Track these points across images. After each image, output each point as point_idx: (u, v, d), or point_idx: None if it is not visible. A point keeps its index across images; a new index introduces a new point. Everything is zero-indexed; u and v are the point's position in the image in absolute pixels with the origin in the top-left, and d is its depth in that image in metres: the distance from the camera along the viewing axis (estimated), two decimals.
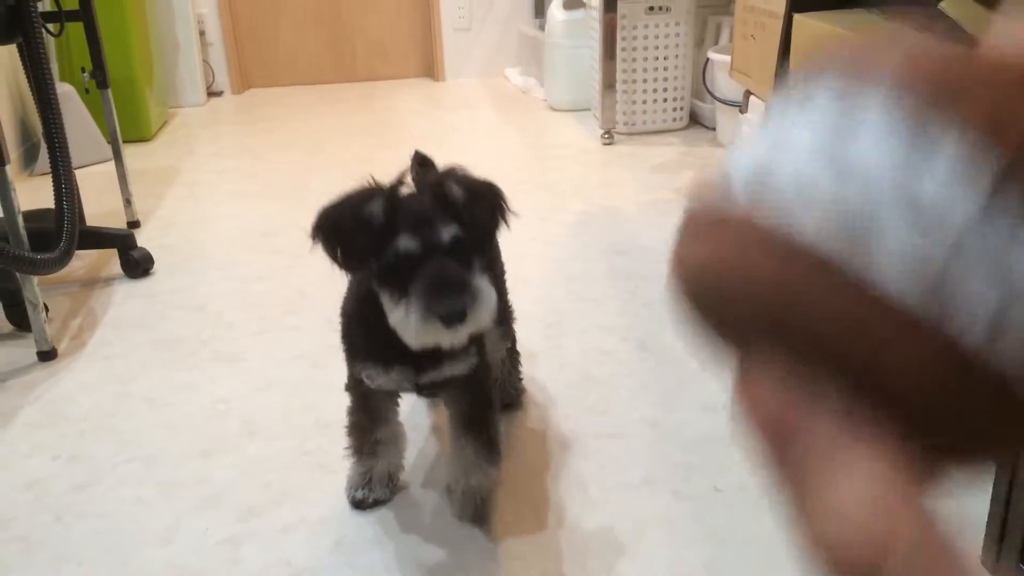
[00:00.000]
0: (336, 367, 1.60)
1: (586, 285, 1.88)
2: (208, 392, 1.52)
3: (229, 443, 1.38)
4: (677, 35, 2.93)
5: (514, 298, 1.41)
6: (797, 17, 1.60)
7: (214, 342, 1.70)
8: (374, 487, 1.21)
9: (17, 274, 1.58)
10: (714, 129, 2.97)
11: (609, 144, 2.93)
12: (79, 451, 1.37)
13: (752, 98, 1.94)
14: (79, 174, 2.79)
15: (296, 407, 1.47)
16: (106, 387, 1.54)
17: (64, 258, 1.62)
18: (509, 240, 2.11)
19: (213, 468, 1.32)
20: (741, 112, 2.00)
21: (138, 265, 1.99)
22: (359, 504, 1.21)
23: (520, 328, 1.69)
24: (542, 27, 3.87)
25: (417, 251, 0.93)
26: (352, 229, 0.98)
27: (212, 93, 3.91)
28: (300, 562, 1.12)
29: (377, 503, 1.22)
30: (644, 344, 1.62)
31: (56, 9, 1.99)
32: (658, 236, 2.13)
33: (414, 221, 0.94)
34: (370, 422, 1.19)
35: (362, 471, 1.21)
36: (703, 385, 1.46)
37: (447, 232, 0.94)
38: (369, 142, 3.08)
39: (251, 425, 1.42)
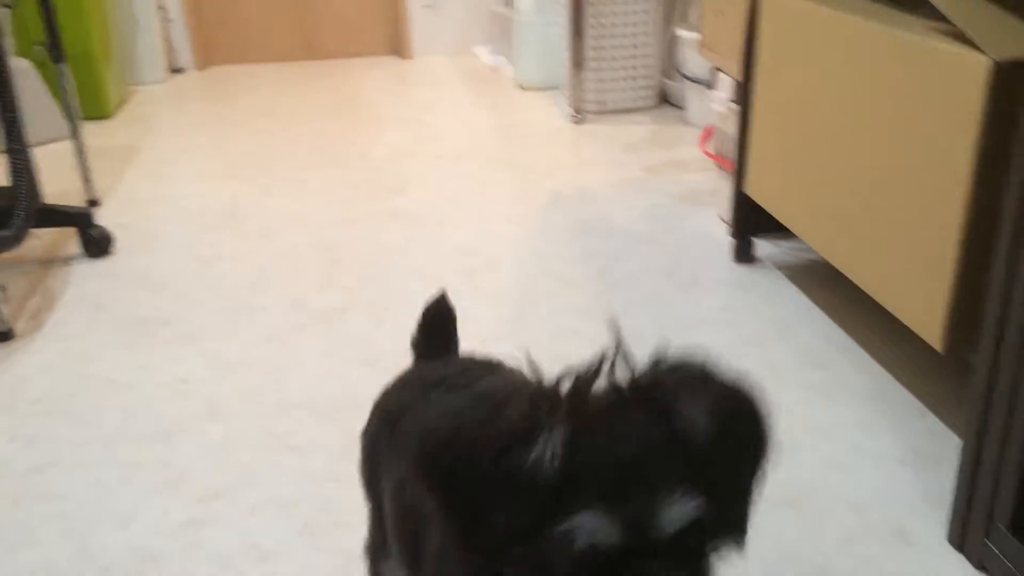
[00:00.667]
0: (301, 349, 1.57)
1: (556, 265, 1.86)
2: (169, 373, 1.49)
3: (191, 424, 1.35)
4: (646, 12, 2.91)
5: (484, 281, 1.33)
6: None
7: (176, 322, 1.66)
8: None
9: None
10: (684, 108, 2.96)
11: (579, 123, 2.90)
12: (37, 433, 1.33)
13: (720, 74, 1.93)
14: (37, 151, 2.71)
15: (260, 388, 1.44)
16: (64, 368, 1.50)
17: (19, 235, 1.57)
18: (477, 220, 2.10)
19: (174, 450, 1.29)
20: (709, 88, 1.99)
21: (97, 244, 1.94)
22: None
23: (490, 310, 1.67)
24: (511, 4, 3.83)
25: (616, 545, 0.47)
26: (492, 486, 0.49)
27: (174, 70, 3.82)
28: (267, 544, 1.10)
29: None
30: (613, 323, 1.61)
31: None
32: (629, 216, 2.12)
33: (614, 479, 0.48)
34: None
35: None
36: None
37: (680, 510, 0.48)
38: (336, 121, 3.03)
39: (214, 406, 1.39)
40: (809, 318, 1.62)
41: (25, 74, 2.77)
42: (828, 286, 1.72)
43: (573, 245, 1.96)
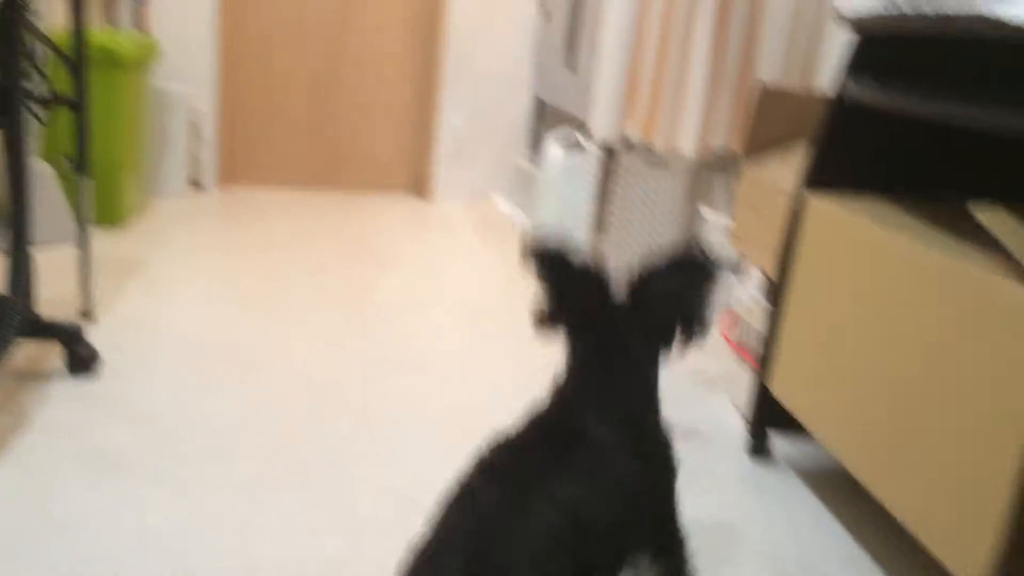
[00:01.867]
0: (280, 506, 1.45)
1: None
2: (136, 520, 1.36)
3: None
4: (673, 189, 2.92)
5: (478, 437, 1.02)
6: (808, 196, 1.56)
7: (150, 460, 1.54)
8: None
9: None
10: None
11: None
12: None
13: (751, 268, 1.88)
14: (43, 254, 2.67)
15: (230, 549, 1.31)
16: (19, 502, 1.38)
17: (1, 350, 1.48)
18: (480, 376, 2.01)
19: None
20: (737, 278, 1.94)
21: (82, 362, 1.85)
22: None
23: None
24: (536, 161, 3.88)
25: None
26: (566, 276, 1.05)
27: (196, 185, 3.84)
28: None
29: None
30: None
31: (50, 95, 1.92)
32: None
33: None
34: None
35: None
36: None
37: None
38: (348, 258, 3.00)
39: (175, 566, 1.26)
40: (825, 529, 1.51)
41: (45, 178, 2.76)
42: (848, 496, 1.61)
43: None
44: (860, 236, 1.37)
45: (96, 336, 2.08)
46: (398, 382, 1.98)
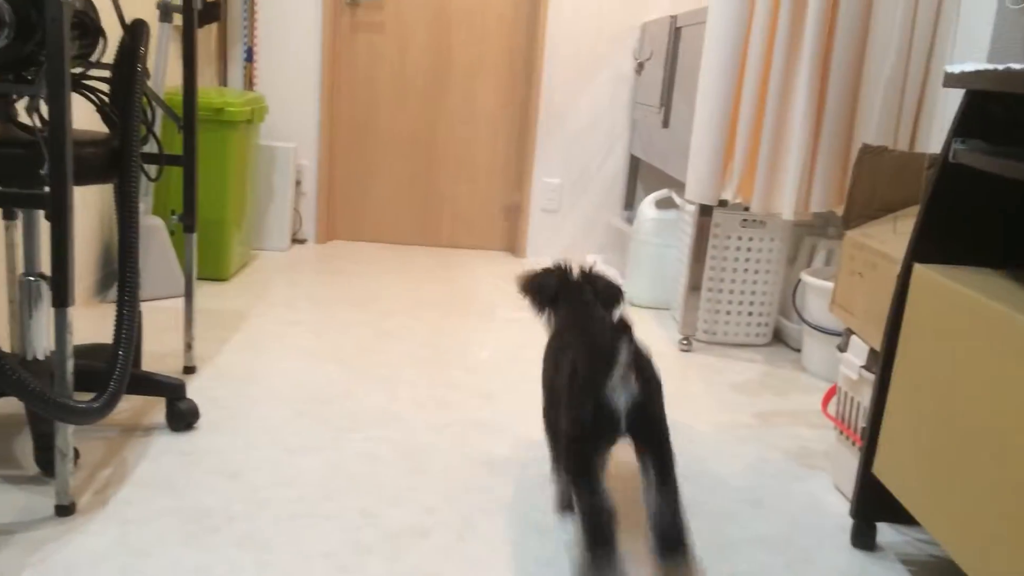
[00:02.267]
0: (364, 573, 1.44)
1: None
2: None
3: None
4: (770, 250, 2.85)
5: (570, 518, 1.21)
6: (917, 267, 1.49)
7: (241, 521, 1.56)
8: None
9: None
10: (799, 351, 2.83)
11: (687, 351, 2.80)
12: None
13: (853, 338, 1.80)
14: (151, 306, 2.79)
15: None
16: (115, 559, 1.41)
17: (106, 409, 1.53)
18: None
19: None
20: (840, 350, 1.86)
21: (183, 418, 1.90)
22: None
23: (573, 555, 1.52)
24: (630, 220, 3.86)
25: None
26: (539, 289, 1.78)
27: (296, 240, 3.96)
28: None
29: None
30: None
31: (158, 152, 2.01)
32: (733, 468, 1.96)
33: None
34: None
35: None
36: None
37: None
38: (439, 312, 3.02)
39: None
40: None
41: (155, 231, 2.89)
42: None
43: None
44: (970, 309, 1.29)
45: (195, 389, 2.14)
46: (489, 449, 1.96)
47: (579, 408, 1.38)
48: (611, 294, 1.72)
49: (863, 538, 1.65)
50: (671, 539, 1.37)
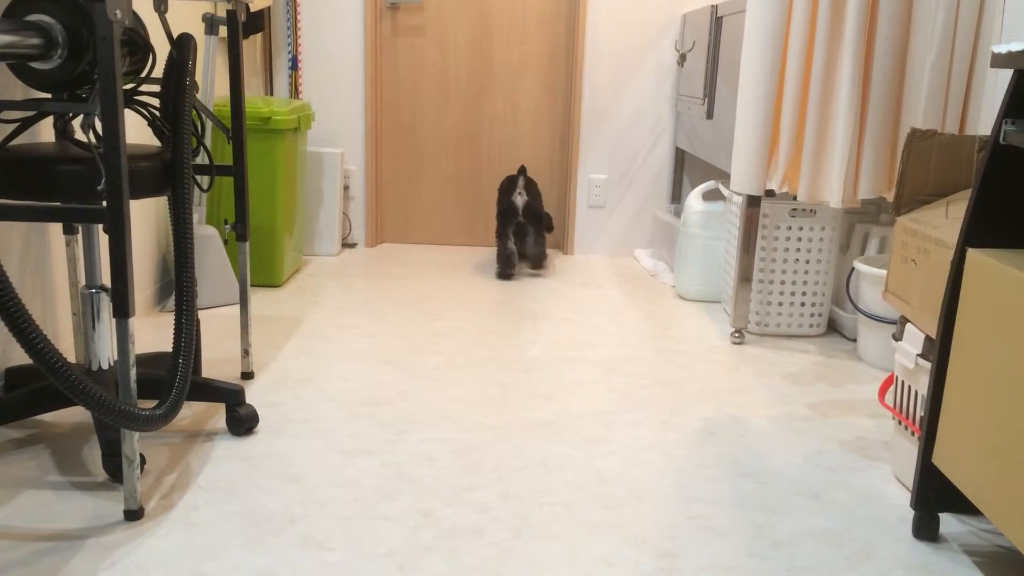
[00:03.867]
0: (424, 574, 1.46)
1: (708, 510, 1.70)
2: None
3: None
4: (821, 239, 2.81)
5: (626, 518, 1.24)
6: (971, 251, 1.46)
7: (303, 522, 1.60)
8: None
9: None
10: (854, 340, 2.79)
11: (739, 343, 2.78)
12: None
13: (909, 326, 1.77)
14: (209, 314, 2.86)
15: None
16: (183, 562, 1.45)
17: (169, 416, 1.58)
18: (624, 443, 1.97)
19: None
20: (895, 339, 1.83)
21: (243, 423, 1.95)
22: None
23: (631, 552, 1.53)
24: (677, 213, 3.84)
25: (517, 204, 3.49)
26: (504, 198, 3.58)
27: (346, 244, 4.02)
28: None
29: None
30: None
31: (209, 163, 2.06)
32: (790, 460, 1.94)
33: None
34: None
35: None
36: None
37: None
38: (488, 312, 3.04)
39: None
40: None
41: (209, 240, 2.96)
42: None
43: (725, 487, 1.80)
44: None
45: (254, 394, 2.19)
46: (543, 447, 1.97)
47: (500, 204, 3.49)
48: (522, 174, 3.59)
49: (925, 529, 1.62)
50: (536, 258, 3.60)
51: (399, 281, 3.44)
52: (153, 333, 2.61)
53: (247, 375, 2.31)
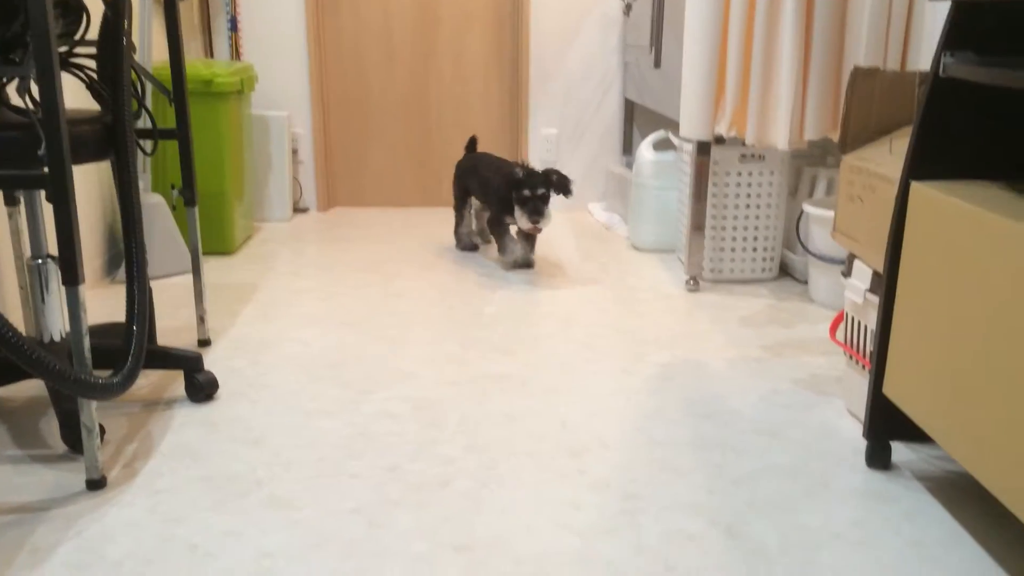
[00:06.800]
0: (393, 523, 1.47)
1: (669, 452, 1.73)
2: (255, 544, 1.41)
3: None
4: (771, 184, 2.85)
5: (590, 464, 1.26)
6: (915, 185, 1.49)
7: (268, 484, 1.60)
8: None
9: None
10: (805, 283, 2.84)
11: (694, 291, 2.82)
12: None
13: (857, 262, 1.81)
14: (161, 283, 2.81)
15: (347, 573, 1.34)
16: (150, 527, 1.45)
17: (127, 383, 1.56)
18: (586, 391, 2.00)
19: None
20: (844, 275, 1.87)
21: (202, 389, 1.93)
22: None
23: (595, 498, 1.56)
24: (629, 165, 3.85)
25: (529, 194, 2.93)
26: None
27: (298, 209, 3.97)
28: None
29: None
30: (732, 530, 1.46)
31: (152, 127, 2.01)
32: (746, 400, 1.98)
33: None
34: None
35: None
36: None
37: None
38: (445, 272, 3.04)
39: None
40: (957, 544, 1.43)
41: (157, 208, 2.90)
42: (978, 506, 1.53)
43: (685, 429, 1.84)
44: (971, 222, 1.30)
45: (212, 361, 2.17)
46: (505, 400, 1.99)
47: (456, 185, 3.32)
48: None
49: (878, 458, 1.67)
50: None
51: (354, 244, 3.41)
52: (105, 305, 2.56)
53: (204, 342, 2.29)
